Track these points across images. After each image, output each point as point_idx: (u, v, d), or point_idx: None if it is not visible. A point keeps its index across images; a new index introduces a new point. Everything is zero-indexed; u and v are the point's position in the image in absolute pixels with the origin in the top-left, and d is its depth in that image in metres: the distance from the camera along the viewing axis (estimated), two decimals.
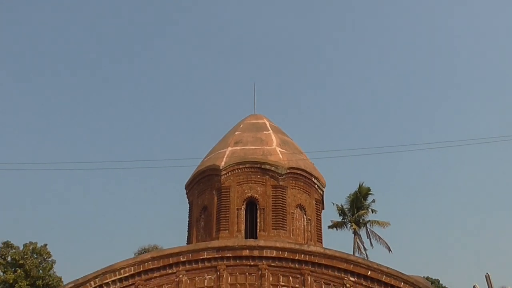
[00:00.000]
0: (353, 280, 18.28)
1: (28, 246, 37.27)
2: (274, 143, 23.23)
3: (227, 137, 24.37)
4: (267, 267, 18.48)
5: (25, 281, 35.47)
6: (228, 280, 18.47)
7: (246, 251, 18.66)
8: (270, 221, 21.40)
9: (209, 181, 22.74)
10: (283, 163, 22.23)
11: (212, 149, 24.26)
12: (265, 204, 21.69)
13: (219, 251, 18.69)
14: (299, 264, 18.47)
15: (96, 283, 18.51)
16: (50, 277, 36.74)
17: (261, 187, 21.99)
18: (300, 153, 23.80)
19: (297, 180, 22.58)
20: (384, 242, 40.11)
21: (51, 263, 37.86)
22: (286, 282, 18.38)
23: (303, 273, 18.36)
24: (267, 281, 18.32)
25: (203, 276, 18.59)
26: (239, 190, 21.98)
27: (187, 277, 18.60)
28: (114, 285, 18.61)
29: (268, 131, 23.99)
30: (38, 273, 36.42)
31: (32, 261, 36.38)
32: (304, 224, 22.41)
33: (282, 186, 22.00)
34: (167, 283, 18.59)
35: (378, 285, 18.23)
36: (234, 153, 22.70)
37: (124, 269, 18.64)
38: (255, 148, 22.88)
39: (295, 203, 22.25)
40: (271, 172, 22.06)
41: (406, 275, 18.35)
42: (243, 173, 22.17)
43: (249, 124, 24.61)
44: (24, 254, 36.51)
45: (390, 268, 18.42)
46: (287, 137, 24.64)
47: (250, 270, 18.55)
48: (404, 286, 18.15)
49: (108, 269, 18.63)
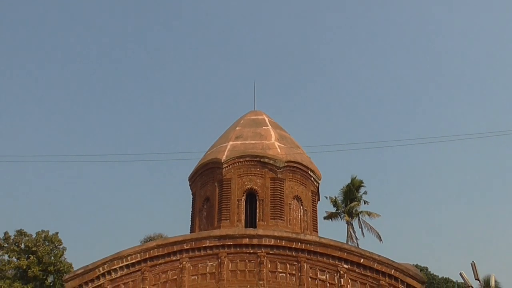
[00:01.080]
0: (346, 267, 18.30)
1: (41, 234, 37.25)
2: (272, 138, 23.20)
3: (228, 132, 24.34)
4: (266, 255, 18.50)
5: (37, 267, 35.47)
6: (229, 266, 18.49)
7: (246, 239, 18.68)
8: (268, 211, 21.40)
9: (211, 173, 22.73)
10: (281, 157, 22.21)
11: (214, 143, 24.24)
12: (264, 195, 21.69)
13: (220, 239, 18.70)
14: (296, 252, 18.49)
15: (105, 269, 18.54)
16: (61, 263, 36.72)
17: (260, 179, 21.98)
18: (297, 147, 23.79)
19: (294, 173, 22.57)
20: (376, 232, 40.07)
21: (62, 250, 37.83)
22: (283, 269, 18.41)
23: (300, 260, 18.39)
24: (266, 267, 18.35)
25: (205, 263, 18.61)
26: (240, 182, 21.97)
27: (190, 264, 18.62)
28: (122, 271, 18.63)
29: (267, 127, 23.96)
30: (50, 259, 36.40)
31: (44, 248, 36.36)
32: (301, 214, 22.42)
33: (280, 178, 21.99)
34: (171, 269, 18.61)
35: (370, 272, 18.26)
36: (235, 147, 22.68)
37: (131, 256, 18.66)
38: (254, 142, 22.85)
39: (292, 194, 22.25)
40: (270, 165, 22.04)
41: (396, 263, 18.38)
42: (243, 166, 22.15)
43: (249, 120, 24.58)
44: (37, 242, 36.49)
45: (381, 256, 18.45)
46: (285, 132, 24.62)
47: (249, 258, 18.57)
48: (395, 273, 18.17)
49: (116, 256, 18.65)
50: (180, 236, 19.07)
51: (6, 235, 37.11)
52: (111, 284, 18.53)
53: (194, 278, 18.44)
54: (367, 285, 18.16)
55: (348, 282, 18.15)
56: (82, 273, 18.62)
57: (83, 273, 18.62)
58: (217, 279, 18.30)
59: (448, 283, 43.35)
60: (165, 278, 18.53)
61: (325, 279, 18.22)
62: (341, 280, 18.11)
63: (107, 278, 18.54)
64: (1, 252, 36.89)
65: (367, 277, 18.22)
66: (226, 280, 18.27)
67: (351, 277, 18.23)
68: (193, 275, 18.47)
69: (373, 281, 18.19)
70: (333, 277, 18.23)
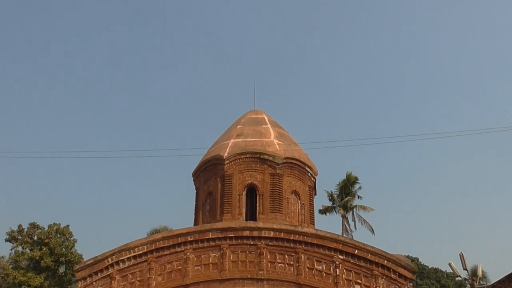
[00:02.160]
0: (341, 258, 18.28)
1: (53, 227, 37.25)
2: (272, 136, 23.17)
3: (230, 130, 24.31)
4: (265, 246, 18.48)
5: (49, 258, 35.51)
6: (231, 257, 18.47)
7: (247, 232, 18.65)
8: (268, 205, 21.38)
9: (214, 169, 22.70)
10: (280, 154, 22.18)
11: (217, 141, 24.21)
12: (264, 190, 21.67)
13: (222, 231, 18.68)
14: (294, 243, 18.46)
15: (113, 260, 18.53)
16: (72, 255, 36.75)
17: (260, 175, 21.95)
18: (295, 144, 23.76)
19: (292, 169, 22.53)
20: (369, 225, 40.02)
21: (73, 242, 37.85)
22: (282, 260, 18.38)
23: (297, 251, 18.36)
24: (265, 258, 18.33)
25: (208, 254, 18.58)
26: (241, 177, 21.94)
27: (194, 255, 18.60)
28: (129, 261, 18.62)
29: (266, 125, 23.93)
30: (61, 251, 36.43)
31: (56, 240, 36.38)
32: (298, 208, 22.40)
33: (278, 174, 21.96)
34: (176, 260, 18.59)
35: (364, 262, 18.23)
36: (236, 145, 22.65)
37: (138, 247, 18.65)
38: (255, 140, 22.81)
39: (290, 189, 22.22)
40: (269, 162, 22.01)
41: (389, 254, 18.35)
42: (244, 162, 22.12)
43: (250, 119, 24.55)
44: (49, 234, 36.50)
45: (375, 248, 18.41)
46: (284, 130, 24.59)
47: (250, 249, 18.54)
48: (387, 264, 18.14)
49: (124, 247, 18.64)
50: (185, 228, 19.03)
51: (20, 228, 37.14)
52: (119, 274, 18.52)
53: (197, 268, 18.43)
54: (361, 274, 18.13)
55: (343, 272, 18.12)
56: (92, 263, 18.61)
57: (92, 263, 18.60)
58: (220, 269, 18.29)
59: (437, 273, 43.33)
60: (170, 268, 18.51)
61: (322, 269, 18.20)
62: (336, 270, 18.08)
63: (115, 268, 18.53)
64: (16, 244, 36.92)
65: (361, 267, 18.19)
66: (228, 270, 18.25)
67: (346, 267, 18.21)
68: (197, 266, 18.45)
69: (366, 271, 18.17)
70: (329, 267, 18.21)
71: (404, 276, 18.12)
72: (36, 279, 34.64)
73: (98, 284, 18.48)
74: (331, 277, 18.05)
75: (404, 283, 18.06)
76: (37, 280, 34.64)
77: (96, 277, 18.52)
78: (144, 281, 18.32)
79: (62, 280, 36.76)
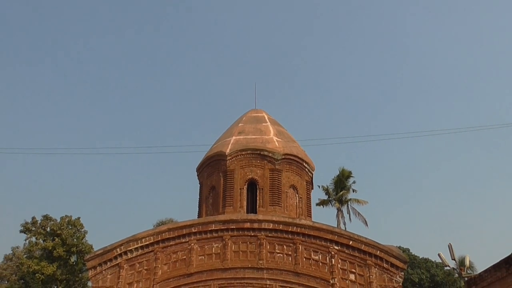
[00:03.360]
0: (337, 248, 18.28)
1: (64, 219, 37.28)
2: (271, 133, 23.14)
3: (232, 128, 24.27)
4: (265, 237, 18.48)
5: (61, 248, 35.55)
6: (232, 248, 18.47)
7: (248, 224, 18.65)
8: (267, 199, 21.37)
9: (216, 165, 22.68)
10: (279, 150, 22.16)
11: (219, 138, 24.18)
12: (264, 184, 21.65)
13: (224, 223, 18.68)
14: (292, 235, 18.45)
15: (122, 250, 18.53)
16: (83, 245, 36.79)
17: (260, 170, 21.93)
18: (293, 141, 23.72)
19: (291, 164, 22.51)
20: (362, 217, 40.00)
21: (84, 233, 37.89)
22: (281, 250, 18.38)
23: (295, 242, 18.36)
24: (265, 249, 18.33)
25: (211, 244, 18.58)
26: (242, 172, 21.92)
27: (197, 245, 18.60)
28: (137, 251, 18.62)
29: (266, 123, 23.90)
30: (73, 241, 36.46)
31: (67, 231, 36.42)
32: (296, 201, 22.38)
33: (278, 169, 21.95)
34: (181, 250, 18.59)
35: (358, 252, 18.24)
36: (237, 142, 22.62)
37: (145, 238, 18.65)
38: (255, 137, 22.79)
39: (289, 184, 22.20)
40: (269, 158, 21.99)
41: (381, 245, 18.36)
42: (245, 158, 22.10)
43: (251, 117, 24.51)
44: (61, 226, 36.53)
45: (368, 239, 18.43)
46: (282, 128, 24.55)
47: (250, 240, 18.53)
48: (380, 254, 18.16)
49: (132, 238, 18.65)
50: (189, 220, 19.03)
51: (34, 220, 37.20)
52: (127, 263, 18.53)
53: (201, 258, 18.43)
54: (355, 264, 18.14)
55: (338, 261, 18.13)
56: (102, 253, 18.62)
57: (102, 253, 18.62)
58: (222, 259, 18.29)
59: (427, 262, 43.30)
60: (175, 258, 18.51)
61: (318, 259, 18.21)
62: (332, 260, 18.09)
63: (123, 258, 18.53)
64: (30, 235, 36.99)
65: (355, 257, 18.20)
66: (230, 260, 18.25)
67: (341, 257, 18.21)
68: (200, 255, 18.46)
69: (360, 261, 18.18)
70: (325, 257, 18.21)
71: (396, 265, 18.14)
72: (49, 268, 34.72)
73: (107, 273, 18.48)
74: (327, 266, 18.05)
75: (395, 272, 18.08)
76: (50, 269, 34.71)
77: (105, 266, 18.53)
78: (150, 270, 18.33)
79: (73, 269, 36.82)
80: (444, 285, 41.99)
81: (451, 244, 22.31)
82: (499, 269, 14.23)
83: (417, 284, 41.50)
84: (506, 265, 13.76)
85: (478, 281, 15.72)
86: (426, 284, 41.87)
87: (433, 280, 42.15)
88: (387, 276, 18.01)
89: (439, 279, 42.04)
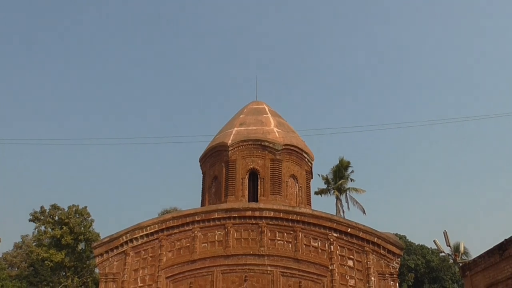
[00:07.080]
0: (336, 235, 18.34)
1: (72, 208, 37.42)
2: (272, 125, 23.12)
3: (234, 119, 24.25)
4: (266, 225, 18.54)
5: (69, 236, 35.74)
6: (234, 235, 18.54)
7: (249, 212, 18.70)
8: (268, 188, 21.40)
9: (219, 155, 22.68)
10: (279, 141, 22.15)
11: (221, 129, 24.17)
12: (265, 174, 21.67)
13: (227, 212, 18.73)
14: (292, 222, 18.51)
15: (127, 238, 18.62)
16: (90, 233, 36.97)
17: (261, 160, 21.94)
18: (293, 132, 23.70)
19: (291, 154, 22.52)
20: (360, 206, 40.00)
21: (91, 221, 38.04)
22: (281, 237, 18.44)
23: (295, 230, 18.42)
24: (266, 236, 18.40)
25: (214, 232, 18.65)
26: (243, 162, 21.93)
27: (201, 233, 18.67)
28: (142, 239, 18.71)
29: (267, 115, 23.86)
30: (80, 229, 36.64)
31: (75, 220, 36.57)
32: (296, 190, 22.42)
33: (278, 159, 21.95)
34: (184, 238, 18.67)
35: (356, 239, 18.31)
36: (239, 133, 22.61)
37: (150, 226, 18.73)
38: (256, 128, 22.77)
39: (289, 173, 22.22)
40: (270, 148, 21.99)
41: (378, 232, 18.42)
42: (246, 149, 22.10)
43: (252, 109, 24.48)
44: (69, 215, 36.68)
45: (366, 226, 18.49)
46: (283, 119, 24.52)
47: (252, 228, 18.60)
48: (377, 241, 18.22)
49: (137, 227, 18.73)
50: (192, 209, 19.09)
51: (42, 209, 37.35)
52: (133, 250, 18.63)
53: (204, 245, 18.51)
54: (354, 251, 18.22)
55: (337, 248, 18.20)
56: (108, 241, 18.71)
57: (108, 241, 18.71)
58: (224, 246, 18.36)
59: (423, 249, 43.42)
60: (179, 246, 18.60)
61: (317, 246, 18.28)
62: (331, 247, 18.16)
63: (129, 245, 18.63)
64: (38, 224, 37.17)
65: (354, 244, 18.27)
66: (232, 247, 18.33)
67: (339, 244, 18.28)
68: (204, 243, 18.53)
69: (358, 247, 18.25)
70: (324, 244, 18.29)
71: (393, 252, 18.22)
72: (57, 255, 34.95)
73: (114, 260, 18.58)
74: (326, 253, 18.13)
75: (392, 258, 18.15)
76: (58, 256, 34.94)
77: (112, 253, 18.63)
78: (155, 257, 18.43)
79: (81, 256, 37.06)
80: (439, 271, 42.14)
81: (446, 231, 22.42)
82: (492, 255, 14.29)
83: (413, 270, 41.64)
84: (500, 251, 13.81)
85: (472, 266, 15.78)
86: (421, 270, 42.01)
87: (429, 265, 42.30)
88: (384, 262, 18.09)
89: (435, 265, 42.18)
